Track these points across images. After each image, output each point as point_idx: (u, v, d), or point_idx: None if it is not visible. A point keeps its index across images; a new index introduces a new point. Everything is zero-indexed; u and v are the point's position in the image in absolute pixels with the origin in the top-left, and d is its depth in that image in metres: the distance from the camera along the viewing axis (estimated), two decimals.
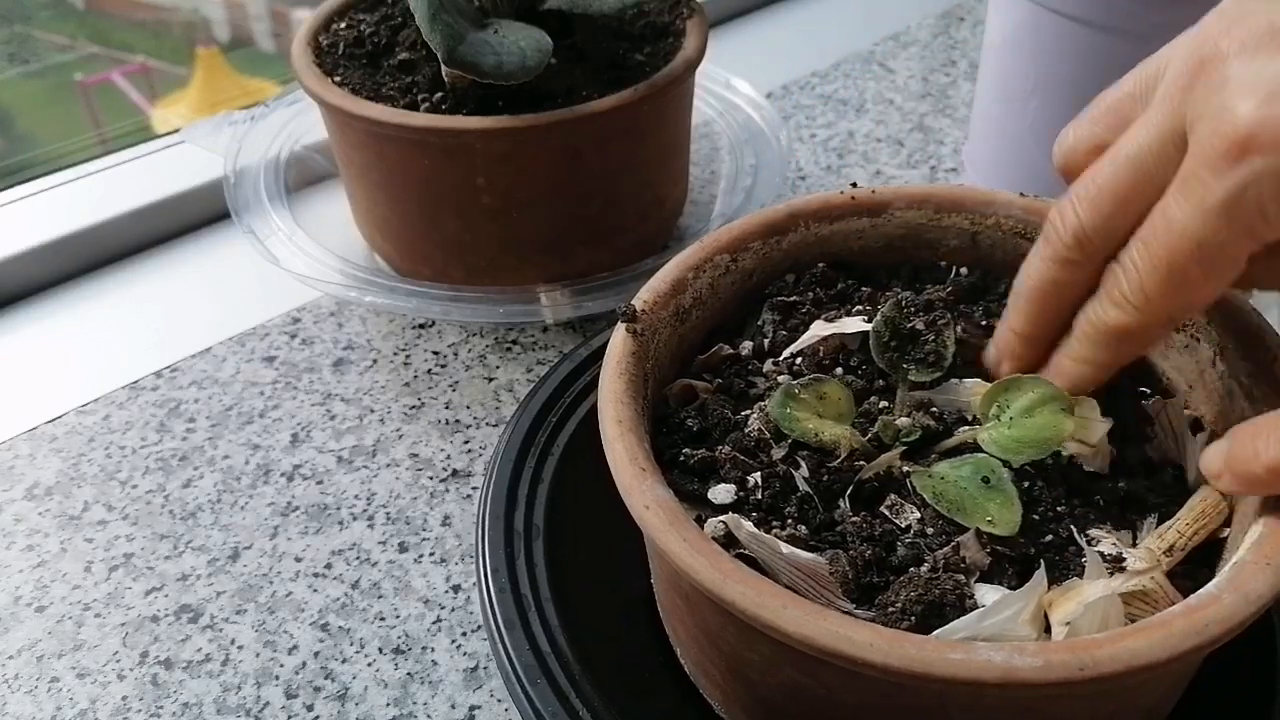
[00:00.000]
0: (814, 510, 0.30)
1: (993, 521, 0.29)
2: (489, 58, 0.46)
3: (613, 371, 0.32)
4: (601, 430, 0.31)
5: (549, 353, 0.54)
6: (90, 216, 0.61)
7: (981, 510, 0.29)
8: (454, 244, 0.53)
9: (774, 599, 0.26)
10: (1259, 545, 0.27)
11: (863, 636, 0.25)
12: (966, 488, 0.29)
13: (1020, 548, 0.29)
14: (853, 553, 0.29)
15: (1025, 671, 0.24)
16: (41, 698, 0.39)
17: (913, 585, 0.27)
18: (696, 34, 0.54)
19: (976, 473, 0.30)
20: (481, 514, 0.38)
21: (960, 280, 0.38)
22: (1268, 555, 0.26)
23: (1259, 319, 0.33)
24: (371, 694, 0.39)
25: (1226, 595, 0.25)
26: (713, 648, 0.31)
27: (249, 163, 0.59)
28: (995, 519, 0.29)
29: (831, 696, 0.28)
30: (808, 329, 0.36)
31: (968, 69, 0.78)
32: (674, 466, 0.32)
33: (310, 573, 0.43)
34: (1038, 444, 0.30)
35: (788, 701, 0.30)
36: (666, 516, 0.28)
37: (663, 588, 0.35)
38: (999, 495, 0.29)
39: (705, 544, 0.27)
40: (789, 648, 0.26)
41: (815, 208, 0.39)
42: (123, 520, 0.46)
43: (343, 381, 0.53)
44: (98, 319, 0.58)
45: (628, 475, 0.29)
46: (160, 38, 1.47)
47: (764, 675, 0.29)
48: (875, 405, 0.33)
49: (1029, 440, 0.30)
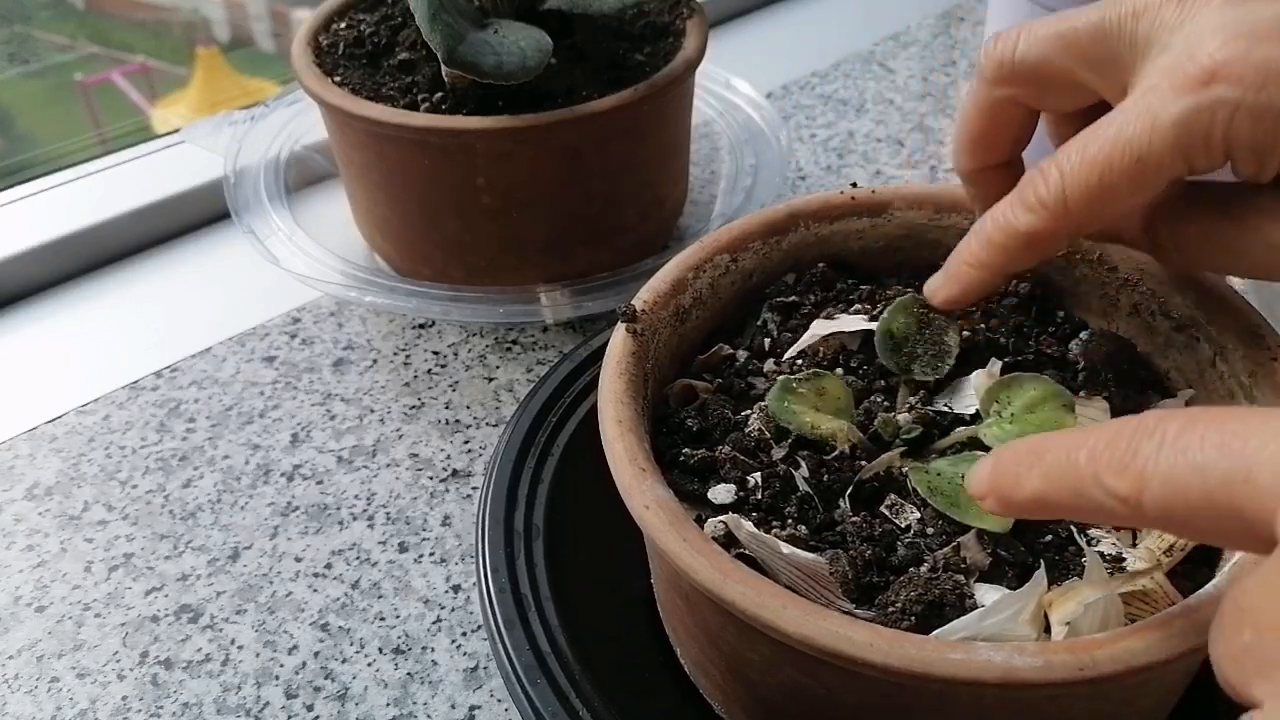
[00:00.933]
0: (814, 510, 0.30)
1: (989, 517, 0.29)
2: (489, 58, 0.46)
3: (613, 371, 0.32)
4: (601, 430, 0.31)
5: (549, 353, 0.54)
6: (90, 216, 0.61)
7: (977, 507, 0.29)
8: (454, 244, 0.53)
9: (774, 599, 0.26)
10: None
11: (862, 636, 0.25)
12: (963, 484, 0.29)
13: (1020, 548, 0.29)
14: (853, 553, 0.29)
15: (1025, 672, 0.24)
16: (41, 698, 0.39)
17: (912, 585, 0.27)
18: (696, 34, 0.54)
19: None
20: (481, 514, 0.38)
21: None
22: None
23: (1259, 318, 0.33)
24: (371, 694, 0.39)
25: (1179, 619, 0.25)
26: (713, 648, 0.31)
27: (249, 163, 0.59)
28: (991, 514, 0.29)
29: (831, 696, 0.28)
30: (808, 329, 0.36)
31: (968, 69, 0.78)
32: (674, 466, 0.32)
33: (310, 573, 0.43)
34: None
35: (788, 701, 0.30)
36: (666, 516, 0.28)
37: (663, 588, 0.35)
38: None
39: (705, 544, 0.27)
40: (789, 648, 0.26)
41: (815, 208, 0.39)
42: (123, 520, 0.46)
43: (343, 381, 0.53)
44: (98, 319, 0.58)
45: (628, 475, 0.29)
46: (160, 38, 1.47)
47: (764, 675, 0.29)
48: (876, 403, 0.33)
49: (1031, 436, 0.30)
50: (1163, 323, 0.35)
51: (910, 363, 0.34)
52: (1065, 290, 0.38)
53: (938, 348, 0.34)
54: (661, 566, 0.34)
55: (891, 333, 0.34)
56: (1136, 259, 0.36)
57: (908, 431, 0.32)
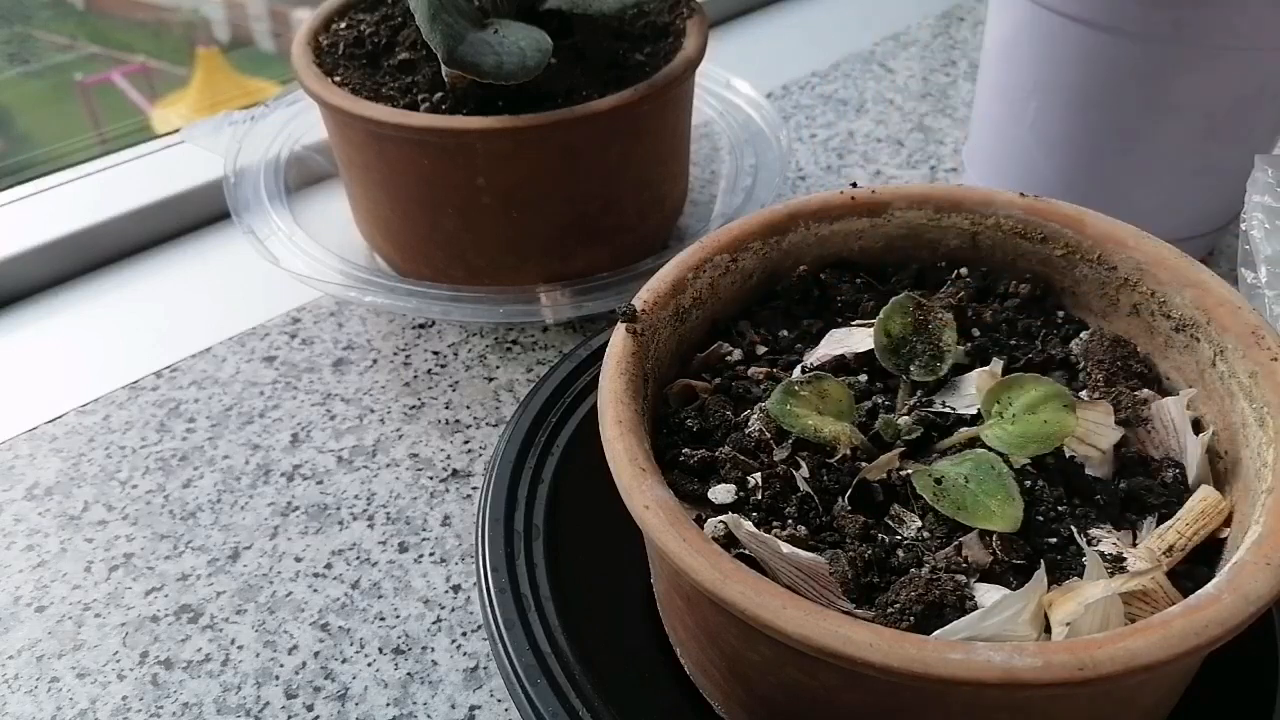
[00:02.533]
0: (814, 511, 0.30)
1: (995, 516, 0.29)
2: (489, 58, 0.46)
3: (613, 371, 0.32)
4: (602, 430, 0.31)
5: (549, 353, 0.54)
6: (90, 216, 0.61)
7: (983, 507, 0.29)
8: (454, 244, 0.53)
9: (774, 599, 0.26)
10: (1259, 545, 0.27)
11: (862, 637, 0.25)
12: (968, 484, 0.29)
13: (1020, 547, 0.29)
14: (852, 553, 0.29)
15: (1025, 672, 0.24)
16: (41, 698, 0.39)
17: (913, 585, 0.27)
18: (696, 34, 0.54)
19: (977, 469, 0.30)
20: (481, 514, 0.38)
21: (965, 282, 0.38)
22: (1267, 555, 0.26)
23: (1259, 319, 0.33)
24: (371, 694, 0.39)
25: (1226, 595, 0.25)
26: (713, 647, 0.31)
27: (249, 163, 0.59)
28: (997, 514, 0.29)
29: (831, 697, 0.28)
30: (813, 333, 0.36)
31: (968, 69, 0.78)
32: (674, 467, 0.32)
33: (310, 573, 0.43)
34: (1041, 439, 0.30)
35: (788, 701, 0.30)
36: (666, 517, 0.28)
37: (663, 588, 0.35)
38: (1000, 491, 0.29)
39: (705, 544, 0.27)
40: (789, 648, 0.26)
41: (815, 208, 0.39)
42: (123, 520, 0.46)
43: (343, 381, 0.53)
44: (98, 319, 0.58)
45: (628, 475, 0.29)
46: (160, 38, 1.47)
47: (764, 675, 0.29)
48: (877, 405, 0.33)
49: (1033, 435, 0.30)
50: (1163, 323, 0.35)
51: (908, 364, 0.34)
52: (1065, 290, 0.38)
53: (935, 348, 0.34)
54: (662, 567, 0.34)
55: (888, 333, 0.34)
56: (1136, 259, 0.36)
57: (909, 433, 0.32)
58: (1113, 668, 0.24)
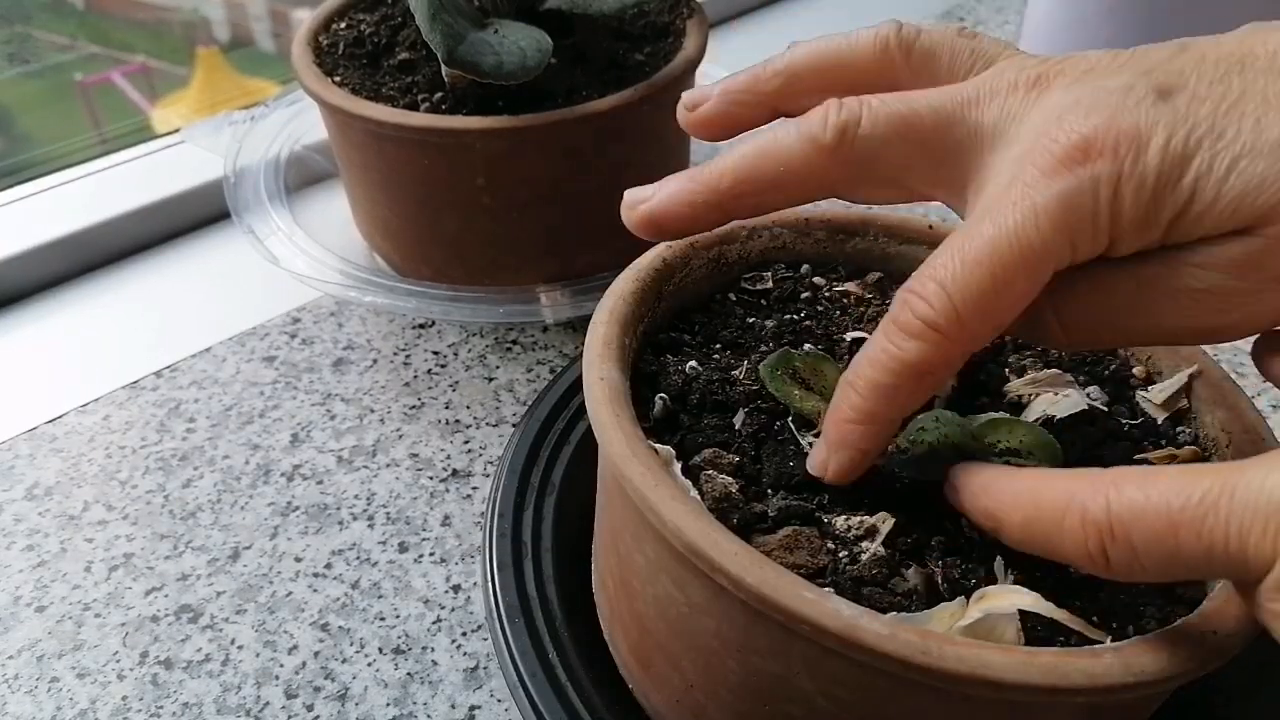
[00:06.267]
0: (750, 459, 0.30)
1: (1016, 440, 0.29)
2: (489, 58, 0.46)
3: (629, 274, 0.34)
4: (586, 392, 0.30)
5: (549, 353, 0.54)
6: (90, 216, 0.61)
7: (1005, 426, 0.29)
8: (454, 244, 0.53)
9: (666, 490, 0.25)
10: (1210, 605, 0.25)
11: (729, 547, 0.24)
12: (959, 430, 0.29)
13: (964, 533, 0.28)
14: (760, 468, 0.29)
15: (867, 634, 0.23)
16: (41, 698, 0.39)
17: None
18: (696, 34, 0.54)
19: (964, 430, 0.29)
20: (489, 515, 0.38)
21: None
22: (1187, 632, 0.24)
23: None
24: (371, 694, 0.39)
25: (1109, 656, 0.23)
26: (613, 555, 0.31)
27: (249, 163, 0.59)
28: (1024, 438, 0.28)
29: (694, 619, 0.27)
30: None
31: None
32: (658, 351, 0.33)
33: (310, 573, 0.43)
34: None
35: (658, 618, 0.29)
36: (609, 393, 0.28)
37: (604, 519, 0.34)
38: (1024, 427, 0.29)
39: (632, 425, 0.28)
40: (667, 552, 0.26)
41: (892, 224, 0.38)
42: (123, 520, 0.46)
43: (343, 381, 0.53)
44: (98, 319, 0.58)
45: (596, 349, 0.30)
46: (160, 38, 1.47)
47: (644, 585, 0.29)
48: None
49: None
50: None
51: None
52: None
53: None
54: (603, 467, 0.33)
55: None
56: None
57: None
58: (957, 666, 0.22)
